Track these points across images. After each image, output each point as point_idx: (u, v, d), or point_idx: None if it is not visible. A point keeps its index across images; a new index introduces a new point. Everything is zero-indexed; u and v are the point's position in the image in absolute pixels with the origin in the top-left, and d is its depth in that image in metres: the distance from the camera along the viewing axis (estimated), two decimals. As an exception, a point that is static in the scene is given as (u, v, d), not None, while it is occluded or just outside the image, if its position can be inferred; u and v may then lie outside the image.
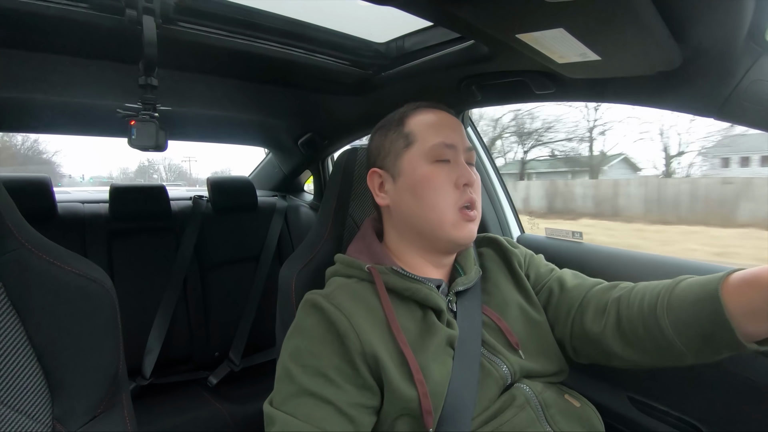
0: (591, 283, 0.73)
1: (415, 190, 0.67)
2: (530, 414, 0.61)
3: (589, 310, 0.68)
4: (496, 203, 1.34)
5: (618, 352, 0.64)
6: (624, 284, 0.69)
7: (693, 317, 0.56)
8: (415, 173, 0.68)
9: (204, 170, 22.79)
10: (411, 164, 0.68)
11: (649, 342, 0.61)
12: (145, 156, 25.80)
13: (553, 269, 0.78)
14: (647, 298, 0.62)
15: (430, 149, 0.67)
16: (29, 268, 0.58)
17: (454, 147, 0.68)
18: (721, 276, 0.55)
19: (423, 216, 0.67)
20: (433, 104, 0.74)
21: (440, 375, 0.59)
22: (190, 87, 1.25)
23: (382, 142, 0.73)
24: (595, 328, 0.66)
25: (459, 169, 0.67)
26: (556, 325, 0.72)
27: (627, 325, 0.63)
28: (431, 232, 0.67)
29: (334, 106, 1.48)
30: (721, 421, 0.81)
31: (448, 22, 0.77)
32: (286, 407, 0.55)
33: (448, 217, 0.66)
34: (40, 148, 12.19)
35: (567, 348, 0.72)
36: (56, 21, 0.79)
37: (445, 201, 0.66)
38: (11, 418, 0.54)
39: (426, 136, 0.68)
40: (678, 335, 0.57)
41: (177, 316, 1.52)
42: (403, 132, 0.70)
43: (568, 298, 0.72)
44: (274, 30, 0.97)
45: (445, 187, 0.66)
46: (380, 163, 0.73)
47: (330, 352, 0.57)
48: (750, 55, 0.63)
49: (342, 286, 0.65)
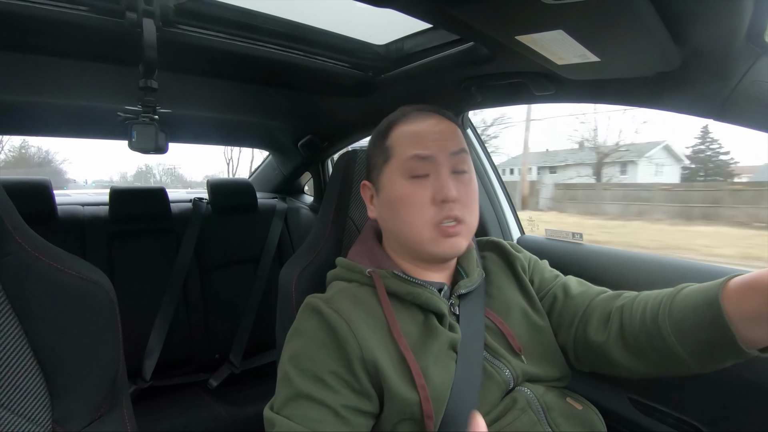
0: (595, 291, 0.72)
1: (392, 207, 0.66)
2: (531, 417, 0.61)
3: (593, 318, 0.67)
4: (496, 204, 1.34)
5: (621, 361, 0.63)
6: (628, 293, 0.68)
7: (694, 324, 0.56)
8: (392, 190, 0.66)
9: (198, 173, 23.33)
10: (390, 180, 0.67)
11: (651, 350, 0.60)
12: (143, 161, 26.57)
13: (558, 275, 0.77)
14: (649, 307, 0.61)
15: (404, 164, 0.65)
16: (29, 271, 0.58)
17: (431, 158, 0.64)
18: (721, 281, 0.55)
19: (401, 233, 0.66)
20: (426, 108, 0.71)
21: (442, 379, 0.59)
22: (190, 89, 1.25)
23: (370, 154, 0.72)
24: (598, 338, 0.65)
25: (437, 184, 0.64)
26: (559, 331, 0.71)
27: (630, 334, 0.62)
28: (412, 248, 0.67)
29: (334, 108, 1.48)
30: (721, 422, 0.81)
31: (447, 24, 0.77)
32: (285, 411, 0.55)
33: (426, 235, 0.64)
34: (50, 158, 14.07)
35: (570, 355, 0.71)
36: (56, 24, 0.79)
37: (421, 219, 0.63)
38: (10, 420, 0.54)
39: (402, 149, 0.66)
40: (680, 342, 0.57)
41: (177, 319, 1.52)
42: (384, 146, 0.69)
43: (573, 305, 0.71)
44: (274, 32, 0.98)
45: (421, 205, 0.63)
46: (369, 175, 0.73)
47: (328, 357, 0.57)
48: (749, 56, 0.63)
49: (342, 290, 0.65)
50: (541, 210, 10.60)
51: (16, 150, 13.28)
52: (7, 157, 12.89)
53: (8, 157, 12.95)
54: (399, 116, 0.70)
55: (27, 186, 1.35)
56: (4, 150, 12.55)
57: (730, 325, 0.51)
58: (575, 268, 0.79)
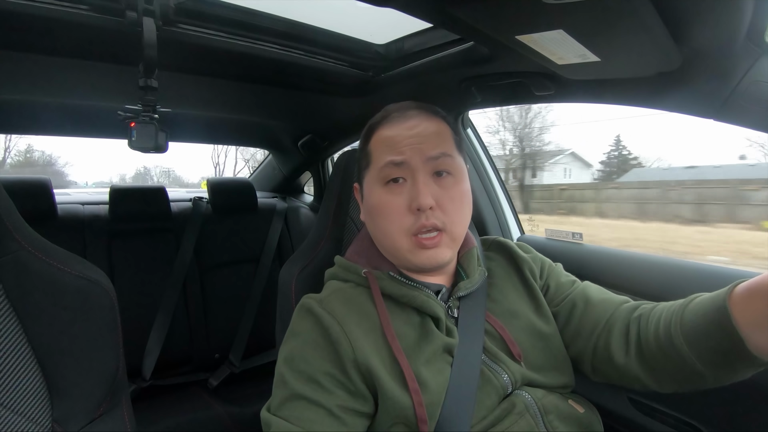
0: (617, 301, 0.69)
1: (371, 215, 0.66)
2: (529, 421, 0.60)
3: (614, 331, 0.65)
4: (496, 204, 1.34)
5: (642, 378, 0.62)
6: (645, 305, 0.66)
7: (704, 332, 0.55)
8: (371, 197, 0.65)
9: (194, 174, 23.70)
10: (369, 187, 0.66)
11: (666, 362, 0.59)
12: (142, 163, 27.34)
13: (575, 281, 0.75)
14: (663, 318, 0.60)
15: (379, 171, 0.64)
16: (29, 270, 0.58)
17: (404, 164, 0.62)
18: (728, 288, 0.54)
19: (381, 241, 0.66)
20: (407, 108, 0.68)
21: (437, 383, 0.58)
22: (190, 88, 1.25)
23: (357, 157, 0.71)
24: (620, 354, 0.63)
25: (413, 191, 0.61)
26: (576, 339, 0.68)
27: (645, 347, 0.61)
28: (393, 257, 0.66)
29: (334, 108, 1.48)
30: (721, 422, 0.81)
31: (447, 23, 0.77)
32: (281, 412, 0.55)
33: (402, 244, 0.62)
34: (53, 161, 15.44)
35: (585, 366, 0.68)
36: (56, 23, 0.79)
37: (397, 227, 0.62)
38: (10, 419, 0.54)
39: (379, 155, 0.65)
40: (692, 350, 0.56)
41: (177, 318, 1.52)
42: (366, 150, 0.68)
43: (594, 315, 0.68)
44: (274, 32, 0.97)
45: (396, 213, 0.62)
46: (357, 177, 0.72)
47: (322, 358, 0.57)
48: (749, 56, 0.63)
49: (337, 291, 0.65)
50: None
51: (22, 154, 14.86)
52: (14, 161, 14.48)
53: (14, 161, 14.52)
54: (379, 119, 0.69)
55: (27, 185, 1.35)
56: (11, 155, 14.18)
57: (739, 330, 0.51)
58: (575, 268, 0.79)
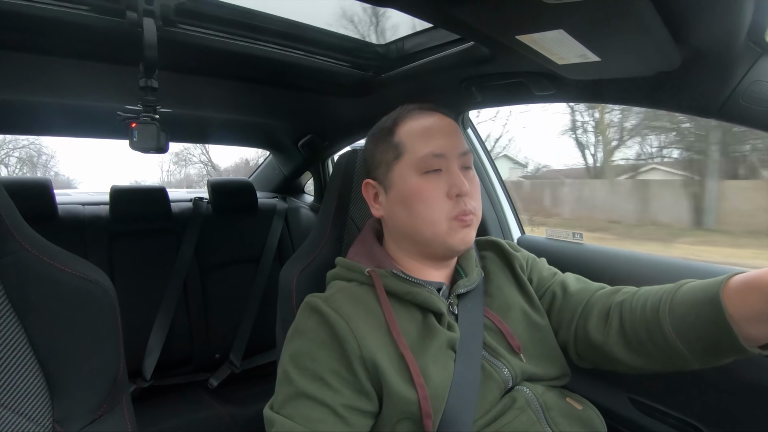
0: (594, 287, 0.72)
1: (407, 204, 0.66)
2: (531, 416, 0.61)
3: (592, 315, 0.68)
4: (497, 204, 1.34)
5: (622, 358, 0.64)
6: (627, 288, 0.68)
7: (695, 321, 0.56)
8: (405, 186, 0.66)
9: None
10: (401, 177, 0.67)
11: (652, 347, 0.60)
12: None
13: (556, 273, 0.77)
14: (649, 303, 0.62)
15: (419, 161, 0.66)
16: (29, 270, 0.58)
17: (444, 156, 0.66)
18: (722, 279, 0.55)
19: (416, 228, 0.66)
20: (427, 107, 0.72)
21: (441, 378, 0.59)
22: (191, 89, 1.25)
23: (373, 151, 0.72)
24: (599, 335, 0.66)
25: (451, 179, 0.65)
26: (559, 329, 0.71)
27: (630, 330, 0.63)
28: (426, 243, 0.67)
29: (335, 108, 1.48)
30: (721, 422, 0.81)
31: (448, 23, 0.77)
32: (285, 410, 0.56)
33: (442, 228, 0.65)
34: (54, 163, 15.29)
35: (570, 353, 0.71)
36: (57, 23, 0.79)
37: (438, 213, 0.64)
38: (10, 420, 0.54)
39: (415, 146, 0.67)
40: (681, 339, 0.57)
41: (177, 318, 1.52)
42: (392, 142, 0.69)
43: (572, 302, 0.71)
44: (275, 32, 0.98)
45: (437, 199, 0.65)
46: (373, 173, 0.72)
47: (328, 356, 0.57)
48: (750, 55, 0.63)
49: (342, 289, 0.65)
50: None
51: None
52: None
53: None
54: (403, 113, 0.71)
55: (27, 186, 1.35)
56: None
57: (732, 323, 0.52)
58: (575, 268, 0.79)
